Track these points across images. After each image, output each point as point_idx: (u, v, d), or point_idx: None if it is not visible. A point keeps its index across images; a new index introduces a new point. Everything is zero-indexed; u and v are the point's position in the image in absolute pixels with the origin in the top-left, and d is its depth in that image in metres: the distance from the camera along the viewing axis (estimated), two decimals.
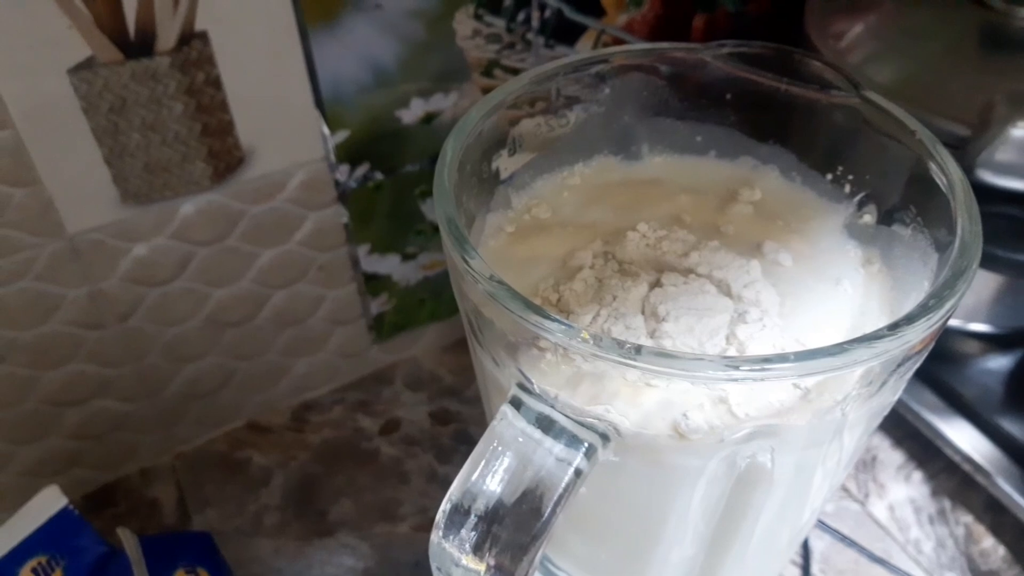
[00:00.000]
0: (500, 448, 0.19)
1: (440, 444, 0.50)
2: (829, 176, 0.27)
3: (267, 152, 0.41)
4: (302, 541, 0.46)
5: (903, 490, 0.47)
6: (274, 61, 0.39)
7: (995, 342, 0.48)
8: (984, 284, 0.43)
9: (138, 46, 0.35)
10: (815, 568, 0.43)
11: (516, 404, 0.19)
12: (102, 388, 0.45)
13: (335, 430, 0.51)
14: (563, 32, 0.45)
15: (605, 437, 0.19)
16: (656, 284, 0.23)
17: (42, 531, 0.31)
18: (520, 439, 0.19)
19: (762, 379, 0.17)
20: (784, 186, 0.28)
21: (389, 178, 0.46)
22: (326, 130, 0.42)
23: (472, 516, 0.19)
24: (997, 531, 0.45)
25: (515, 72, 0.45)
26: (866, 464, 0.48)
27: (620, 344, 0.17)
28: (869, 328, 0.19)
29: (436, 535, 0.19)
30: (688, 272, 0.23)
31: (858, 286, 0.24)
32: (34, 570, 0.31)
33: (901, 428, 0.49)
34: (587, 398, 0.19)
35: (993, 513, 0.45)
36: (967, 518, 0.46)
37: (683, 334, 0.21)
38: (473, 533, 0.19)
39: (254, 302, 0.46)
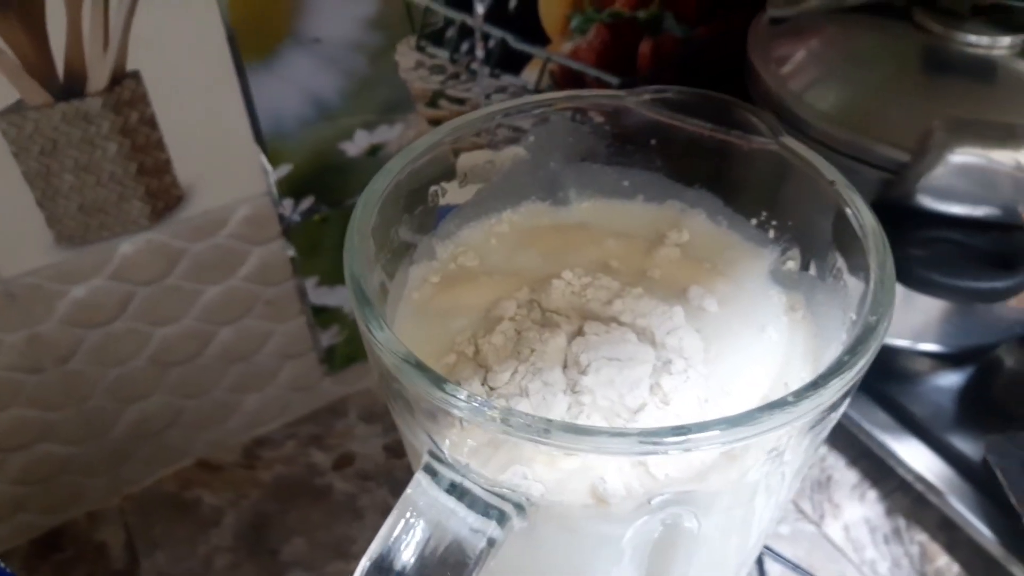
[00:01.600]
0: (414, 516, 0.18)
1: (395, 478, 0.49)
2: (754, 221, 0.27)
3: (207, 189, 0.41)
4: None
5: (858, 510, 0.47)
6: (211, 98, 0.38)
7: (945, 360, 0.48)
8: (931, 305, 0.43)
9: (68, 87, 0.34)
10: None
11: (430, 472, 0.19)
12: (45, 432, 0.44)
13: (287, 466, 0.50)
14: (508, 61, 0.44)
15: (519, 506, 0.19)
16: (578, 333, 0.23)
17: None
18: (434, 508, 0.18)
19: (678, 451, 0.17)
20: (711, 229, 0.28)
21: (336, 210, 0.45)
22: (267, 165, 0.41)
23: None
24: (952, 549, 0.45)
25: (461, 102, 0.45)
26: (821, 484, 0.48)
27: (528, 423, 0.17)
28: (793, 377, 0.19)
29: None
30: (611, 320, 0.23)
31: (783, 333, 0.24)
32: None
33: (855, 448, 0.49)
34: (503, 463, 0.19)
35: (947, 531, 0.45)
36: (922, 536, 0.46)
37: (603, 387, 0.21)
38: None
39: (199, 339, 0.46)
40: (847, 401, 0.20)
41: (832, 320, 0.23)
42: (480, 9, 0.41)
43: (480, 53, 0.43)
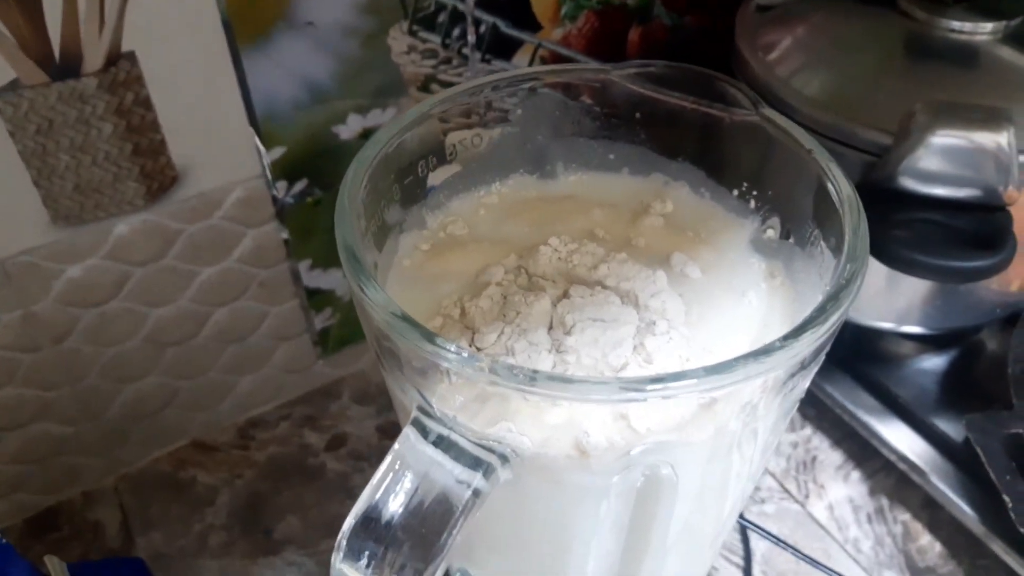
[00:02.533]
0: (401, 469, 0.19)
1: None
2: (735, 192, 0.28)
3: (202, 170, 0.41)
4: (248, 560, 0.45)
5: (842, 490, 0.48)
6: (205, 80, 0.39)
7: (929, 343, 0.49)
8: (914, 288, 0.44)
9: (64, 68, 0.35)
10: (756, 570, 0.44)
11: (418, 426, 0.19)
12: (41, 411, 0.44)
13: (281, 446, 0.51)
14: (499, 46, 0.45)
15: (504, 458, 0.19)
16: (564, 296, 0.23)
17: None
18: (421, 460, 0.19)
19: (657, 398, 0.18)
20: (694, 201, 0.28)
21: (329, 193, 0.46)
22: (261, 147, 0.42)
23: (372, 538, 0.19)
24: (934, 528, 0.46)
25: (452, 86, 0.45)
26: (806, 465, 0.49)
27: (515, 371, 0.17)
28: (772, 339, 0.20)
29: (336, 558, 0.19)
30: (596, 284, 0.24)
31: (762, 298, 0.25)
32: None
33: (839, 429, 0.50)
34: (490, 417, 0.19)
35: (930, 510, 0.46)
36: (904, 516, 0.47)
37: (587, 346, 0.21)
38: (373, 555, 0.19)
39: (195, 320, 0.46)
40: (820, 358, 0.21)
41: (809, 286, 0.24)
42: None
43: (471, 38, 0.44)
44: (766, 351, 0.18)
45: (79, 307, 0.42)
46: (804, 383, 0.22)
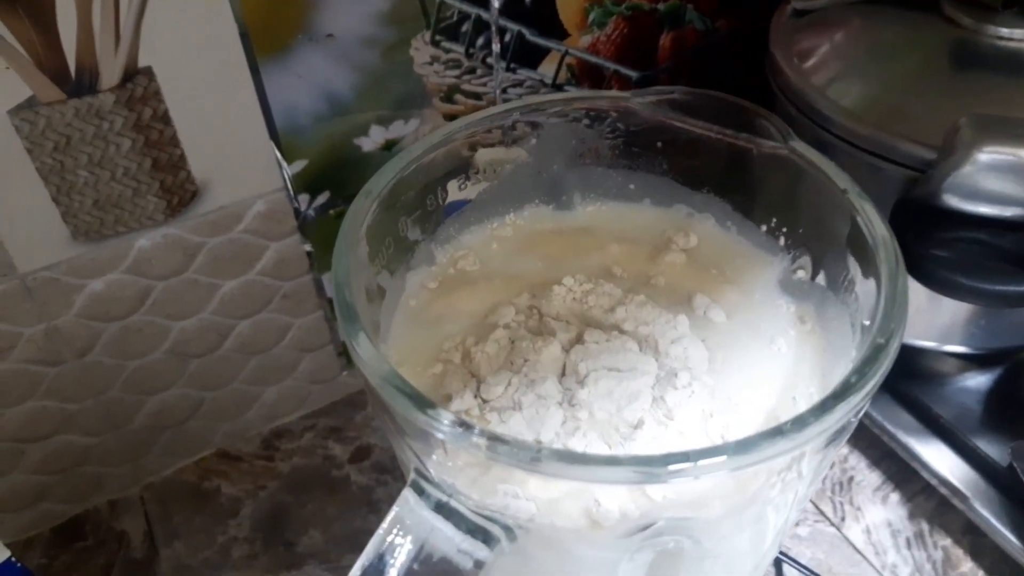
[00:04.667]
0: (401, 534, 0.18)
1: None
2: (764, 227, 0.26)
3: (222, 184, 0.41)
4: (270, 574, 0.45)
5: (880, 512, 0.46)
6: (224, 93, 0.38)
7: (972, 362, 0.47)
8: (958, 306, 0.42)
9: (80, 84, 0.35)
10: None
11: (417, 489, 0.18)
12: (65, 423, 0.44)
13: (305, 458, 0.51)
14: (525, 55, 0.44)
15: (509, 529, 0.18)
16: (578, 341, 0.22)
17: None
18: (422, 526, 0.18)
19: (677, 481, 0.16)
20: (719, 235, 0.27)
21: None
22: (282, 160, 0.41)
23: None
24: (976, 555, 0.44)
25: (477, 97, 0.44)
26: (843, 485, 0.47)
27: (517, 451, 0.16)
28: (801, 392, 0.18)
29: None
30: (612, 328, 0.23)
31: (791, 346, 0.23)
32: None
33: (878, 448, 0.48)
34: (493, 481, 0.18)
35: (972, 536, 0.44)
36: (945, 542, 0.45)
37: (601, 399, 0.20)
38: None
39: (218, 332, 0.46)
40: (859, 418, 0.20)
41: (842, 334, 0.23)
42: (495, 3, 0.41)
43: (496, 47, 0.43)
44: (798, 424, 0.17)
45: (101, 321, 0.42)
46: (847, 436, 0.20)
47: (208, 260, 0.43)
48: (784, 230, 0.26)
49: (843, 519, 0.46)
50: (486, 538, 0.18)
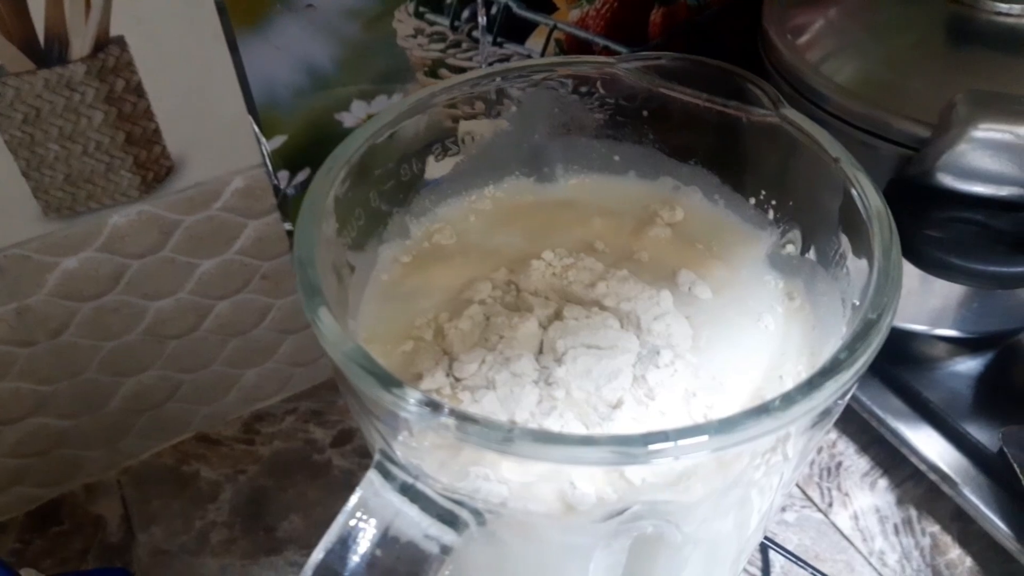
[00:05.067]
0: (365, 517, 0.17)
1: None
2: (752, 200, 0.25)
3: (199, 160, 0.39)
4: (249, 560, 0.44)
5: (868, 498, 0.46)
6: (200, 65, 0.37)
7: (963, 346, 0.46)
8: (950, 289, 0.41)
9: (50, 54, 0.33)
10: None
11: (382, 470, 0.18)
12: (39, 405, 0.43)
13: (286, 441, 0.50)
14: (512, 29, 0.43)
15: (478, 513, 0.18)
16: (556, 317, 0.21)
17: None
18: (387, 509, 0.17)
19: (657, 462, 0.16)
20: (706, 208, 0.26)
21: None
22: (261, 136, 0.40)
23: None
24: (964, 542, 0.44)
25: (463, 72, 0.43)
26: (830, 471, 0.47)
27: (487, 429, 0.15)
28: (788, 370, 0.18)
29: None
30: (593, 304, 0.22)
31: (779, 323, 0.23)
32: None
33: (867, 434, 0.47)
34: (463, 464, 0.17)
35: (960, 523, 0.44)
36: (934, 528, 0.44)
37: (579, 377, 0.19)
38: None
39: (196, 313, 0.45)
40: (847, 399, 0.19)
41: (831, 311, 0.22)
42: None
43: (482, 20, 0.42)
44: (785, 402, 0.16)
45: (75, 300, 0.40)
46: (834, 418, 0.19)
47: (185, 238, 0.41)
48: (774, 203, 0.25)
49: (831, 505, 0.46)
50: (454, 523, 0.17)
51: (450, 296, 0.23)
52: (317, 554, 0.17)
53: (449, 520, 0.17)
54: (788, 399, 0.16)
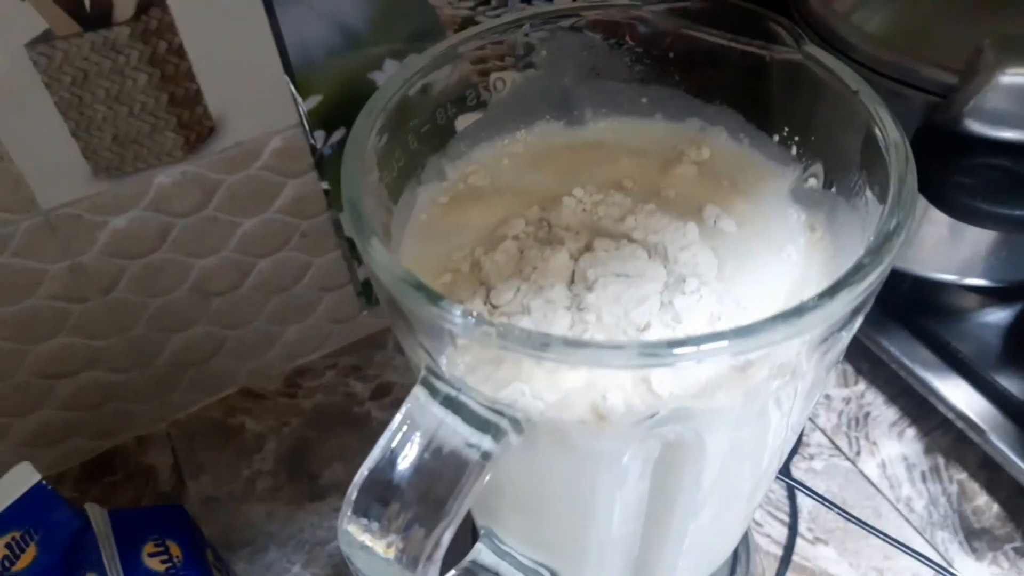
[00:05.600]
0: (411, 430, 0.18)
1: None
2: (776, 138, 0.26)
3: (239, 120, 0.41)
4: (294, 505, 0.46)
5: (896, 447, 0.46)
6: (238, 26, 0.38)
7: (992, 295, 0.46)
8: (979, 237, 0.41)
9: (95, 17, 0.35)
10: (802, 527, 0.43)
11: (427, 386, 0.19)
12: (92, 360, 0.45)
13: (327, 395, 0.52)
14: None
15: (516, 422, 0.19)
16: (587, 249, 0.22)
17: (15, 507, 0.32)
18: (431, 421, 0.18)
19: (681, 364, 0.17)
20: (732, 148, 0.27)
21: None
22: (297, 96, 0.41)
23: (379, 499, 0.19)
24: (991, 488, 0.44)
25: None
26: (859, 421, 0.48)
27: (526, 336, 0.16)
28: (808, 296, 0.18)
29: (343, 517, 0.19)
30: (622, 237, 0.23)
31: (801, 253, 0.23)
32: (8, 545, 0.31)
33: (895, 384, 0.48)
34: (503, 378, 0.19)
35: (988, 471, 0.45)
36: (961, 475, 0.45)
37: (609, 303, 0.20)
38: (380, 515, 0.19)
39: (239, 271, 0.46)
40: (860, 317, 0.20)
41: (851, 240, 0.23)
42: None
43: None
44: (799, 311, 0.17)
45: (124, 258, 0.42)
46: (846, 339, 0.20)
47: (227, 197, 0.43)
48: (797, 139, 0.25)
49: (858, 453, 0.46)
50: (495, 431, 0.18)
51: (485, 233, 0.24)
52: (367, 463, 0.19)
53: (490, 429, 0.18)
54: (801, 308, 0.17)
